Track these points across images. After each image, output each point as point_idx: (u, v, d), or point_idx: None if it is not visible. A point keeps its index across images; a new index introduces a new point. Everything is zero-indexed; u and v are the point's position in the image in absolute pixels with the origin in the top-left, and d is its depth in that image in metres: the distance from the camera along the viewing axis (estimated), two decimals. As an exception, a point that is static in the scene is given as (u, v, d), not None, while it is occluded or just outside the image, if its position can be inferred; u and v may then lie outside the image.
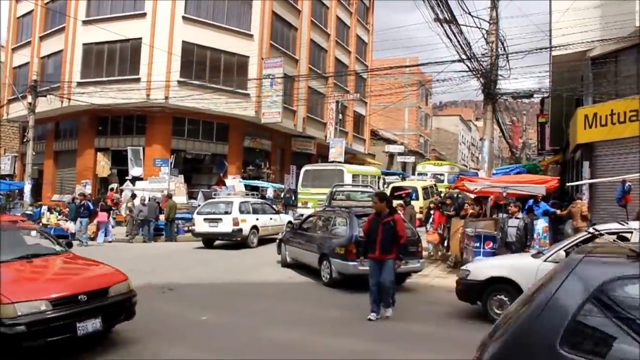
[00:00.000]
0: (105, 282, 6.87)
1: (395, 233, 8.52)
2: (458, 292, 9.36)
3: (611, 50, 17.62)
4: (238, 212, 18.74)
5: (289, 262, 14.38)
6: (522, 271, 8.66)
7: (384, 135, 54.39)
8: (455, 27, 17.16)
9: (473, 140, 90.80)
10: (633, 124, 16.25)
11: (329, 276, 11.74)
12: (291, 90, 32.03)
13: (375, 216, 8.76)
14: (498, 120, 29.39)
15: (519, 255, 11.09)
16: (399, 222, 8.69)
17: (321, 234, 12.89)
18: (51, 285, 6.62)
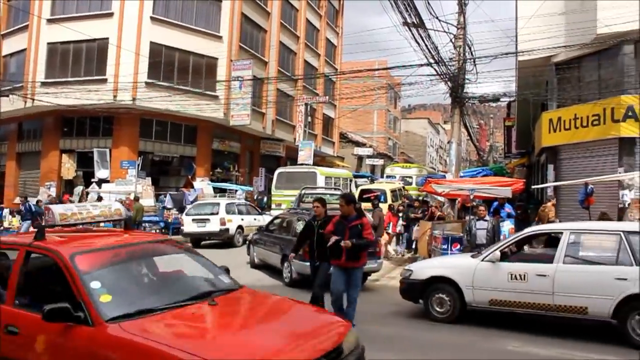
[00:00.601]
0: (336, 335, 4.71)
1: (364, 237, 7.90)
2: (401, 291, 9.65)
3: (574, 56, 18.03)
4: (225, 213, 19.99)
5: (257, 263, 14.68)
6: (461, 270, 8.95)
7: (353, 138, 54.59)
8: (424, 31, 17.35)
9: (441, 143, 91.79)
10: (595, 128, 16.65)
11: (289, 276, 12.19)
12: (260, 93, 31.93)
13: (341, 219, 8.05)
14: (466, 123, 29.79)
15: (459, 255, 11.57)
16: (367, 226, 8.06)
17: (284, 235, 13.16)
18: (270, 341, 4.26)
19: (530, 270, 8.31)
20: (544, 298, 8.11)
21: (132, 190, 23.18)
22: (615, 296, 7.62)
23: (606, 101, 16.23)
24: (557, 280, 8.04)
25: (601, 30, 16.15)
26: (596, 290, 7.76)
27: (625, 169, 15.63)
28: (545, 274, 8.14)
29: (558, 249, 8.31)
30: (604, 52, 17.15)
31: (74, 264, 4.65)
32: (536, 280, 8.18)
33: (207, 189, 27.02)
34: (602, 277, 7.84)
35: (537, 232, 9.59)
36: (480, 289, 8.66)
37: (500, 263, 8.59)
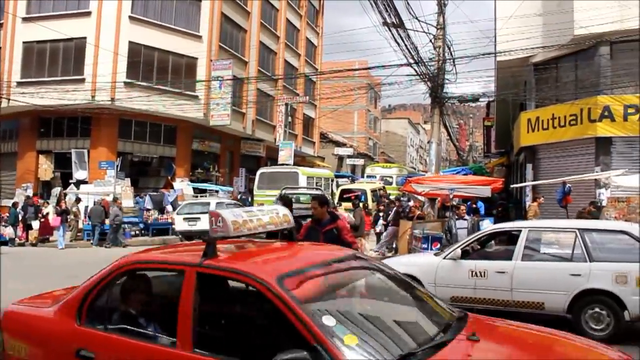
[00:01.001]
0: None
1: (343, 241, 6.83)
2: None
3: (552, 57, 18.24)
4: None
5: None
6: (424, 268, 9.11)
7: (333, 138, 54.63)
8: (403, 32, 17.42)
9: (421, 142, 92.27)
10: (573, 127, 16.86)
11: None
12: (240, 93, 31.81)
13: (314, 224, 7.13)
14: (445, 123, 29.95)
15: (425, 253, 11.86)
16: (344, 229, 7.19)
17: None
18: None
19: (490, 268, 8.53)
20: (503, 294, 8.34)
21: (111, 191, 22.95)
22: (570, 291, 7.86)
23: (583, 101, 16.45)
24: (516, 276, 8.27)
25: (578, 32, 16.37)
26: (552, 286, 8.00)
27: (601, 168, 15.86)
28: (504, 271, 8.37)
29: (516, 246, 8.55)
30: (581, 53, 17.38)
31: (287, 292, 3.31)
32: (496, 277, 8.40)
33: (187, 190, 26.87)
34: (557, 273, 8.08)
35: (497, 231, 9.79)
36: (442, 286, 8.85)
37: (461, 261, 8.80)
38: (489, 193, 15.86)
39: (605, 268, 7.79)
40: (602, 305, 7.74)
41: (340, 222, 7.29)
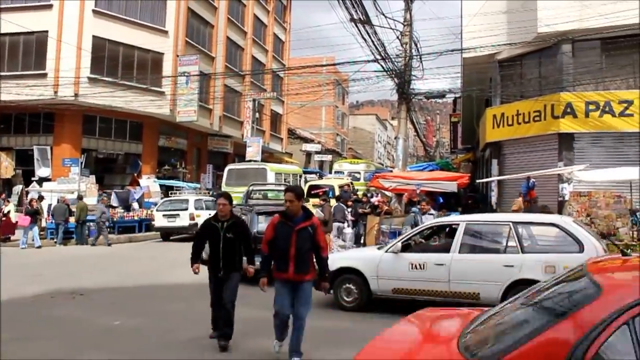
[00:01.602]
0: None
1: (316, 244, 6.18)
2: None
3: (517, 54, 18.54)
4: (194, 209, 21.04)
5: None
6: (367, 261, 9.38)
7: (301, 134, 54.61)
8: (370, 28, 17.49)
9: (389, 139, 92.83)
10: (536, 123, 17.17)
11: None
12: (207, 89, 31.58)
13: (284, 220, 6.23)
14: (412, 119, 30.20)
15: (368, 247, 12.37)
16: (319, 228, 6.34)
17: None
18: None
19: (429, 260, 8.84)
20: (441, 286, 8.66)
21: (75, 189, 22.55)
22: (503, 282, 8.19)
23: (546, 98, 16.76)
24: (453, 268, 8.59)
25: (542, 30, 16.67)
26: (487, 277, 8.34)
27: (564, 163, 16.18)
28: (442, 263, 8.68)
29: (454, 239, 8.84)
30: (544, 51, 17.70)
31: None
32: (434, 269, 8.71)
33: (154, 187, 26.56)
34: (492, 264, 8.41)
35: (437, 224, 10.16)
36: (384, 278, 9.13)
37: (402, 254, 9.08)
38: (455, 188, 16.09)
39: (535, 259, 8.18)
40: None
41: (315, 218, 6.39)
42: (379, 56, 18.27)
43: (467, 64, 20.80)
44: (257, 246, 11.77)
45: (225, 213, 6.95)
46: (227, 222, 6.94)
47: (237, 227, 7.01)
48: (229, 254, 6.97)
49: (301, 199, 6.32)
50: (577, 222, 8.96)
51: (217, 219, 7.00)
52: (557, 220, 8.80)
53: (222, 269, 6.98)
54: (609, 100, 15.94)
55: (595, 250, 7.93)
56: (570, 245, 8.14)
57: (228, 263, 6.96)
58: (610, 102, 15.92)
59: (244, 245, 7.05)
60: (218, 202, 7.03)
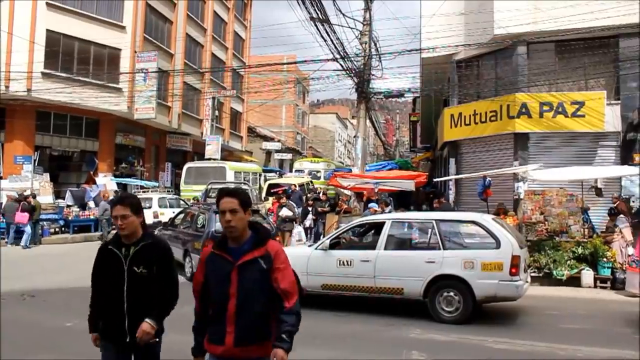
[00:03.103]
0: None
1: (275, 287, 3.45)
2: None
3: (474, 55, 18.87)
4: (157, 207, 21.03)
5: None
6: (297, 259, 9.43)
7: (261, 133, 54.39)
8: (329, 27, 17.55)
9: (349, 137, 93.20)
10: (493, 123, 17.50)
11: (190, 271, 12.35)
12: (166, 86, 31.10)
13: (219, 250, 3.52)
14: (372, 118, 30.40)
15: (300, 245, 13.02)
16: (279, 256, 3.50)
17: (186, 230, 13.38)
18: None
19: (356, 257, 9.22)
20: (367, 281, 9.03)
21: (28, 187, 21.97)
22: (425, 277, 8.62)
23: (502, 98, 17.11)
24: (378, 264, 8.98)
25: (497, 32, 17.01)
26: (410, 273, 8.76)
27: (519, 162, 16.55)
28: (368, 260, 9.06)
29: (380, 236, 9.24)
30: (500, 52, 18.06)
31: None
32: (361, 266, 9.08)
33: (111, 185, 26.05)
34: (415, 260, 8.83)
35: (365, 222, 10.56)
36: (313, 275, 9.47)
37: (330, 251, 9.45)
38: (413, 187, 16.30)
39: (455, 255, 8.62)
40: (453, 289, 8.52)
41: (274, 244, 3.56)
42: (338, 55, 18.35)
43: (425, 63, 21.07)
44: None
45: (129, 231, 3.87)
46: (135, 246, 3.89)
47: (152, 254, 3.88)
48: (139, 303, 3.84)
49: (248, 210, 3.48)
50: (496, 220, 9.39)
51: (119, 241, 3.96)
52: (476, 218, 9.24)
53: (127, 332, 3.84)
54: (562, 101, 16.37)
55: (510, 246, 8.38)
56: (488, 242, 8.58)
57: (138, 318, 3.80)
58: (563, 103, 16.35)
59: (162, 284, 3.90)
60: (113, 214, 3.89)
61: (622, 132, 16.25)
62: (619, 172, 15.14)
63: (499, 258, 8.36)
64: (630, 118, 15.99)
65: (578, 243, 12.86)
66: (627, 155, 16.04)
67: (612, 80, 16.86)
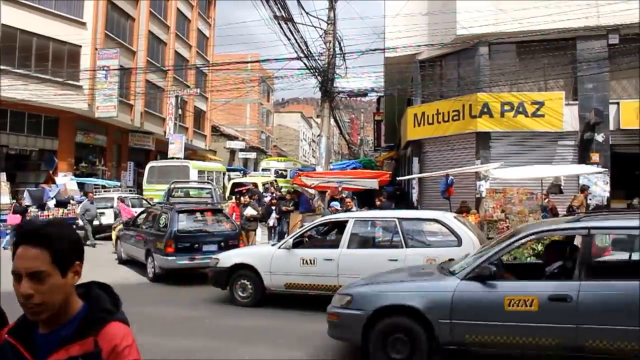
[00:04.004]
0: None
1: None
2: (210, 279, 10.31)
3: (437, 55, 19.06)
4: None
5: (125, 258, 14.73)
6: (261, 258, 9.73)
7: (225, 132, 53.99)
8: (293, 26, 17.52)
9: (314, 136, 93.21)
10: (455, 123, 17.72)
11: (153, 271, 12.31)
12: (128, 84, 30.59)
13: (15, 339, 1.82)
14: (336, 117, 30.47)
15: (264, 244, 13.11)
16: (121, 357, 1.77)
17: (148, 230, 13.22)
18: None
19: (319, 256, 9.25)
20: (330, 280, 9.02)
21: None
22: None
23: (465, 98, 17.33)
24: (341, 263, 9.01)
25: (460, 32, 17.21)
26: (373, 271, 8.55)
27: (481, 161, 16.79)
28: (331, 258, 9.09)
29: (343, 235, 9.28)
30: (463, 52, 18.29)
31: None
32: (324, 264, 9.11)
33: (71, 185, 25.54)
34: (377, 259, 8.83)
35: (328, 221, 10.62)
36: (277, 274, 9.49)
37: (294, 250, 9.47)
38: (377, 185, 16.37)
39: (418, 253, 8.68)
40: None
41: (115, 334, 1.82)
42: (302, 54, 18.33)
43: (389, 63, 21.21)
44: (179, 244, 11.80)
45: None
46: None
47: None
48: None
49: (74, 266, 1.87)
50: (458, 218, 9.53)
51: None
52: (438, 216, 9.33)
53: None
54: (523, 101, 16.67)
55: (472, 244, 8.48)
56: (450, 240, 8.69)
57: None
58: (524, 103, 16.65)
59: None
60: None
61: (580, 131, 16.63)
62: (577, 171, 15.51)
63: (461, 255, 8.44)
64: (587, 118, 16.37)
65: (538, 240, 13.09)
66: (584, 154, 16.44)
67: (570, 81, 17.24)
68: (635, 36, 15.97)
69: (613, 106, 16.53)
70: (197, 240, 12.23)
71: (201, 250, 12.07)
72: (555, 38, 16.51)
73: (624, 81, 16.93)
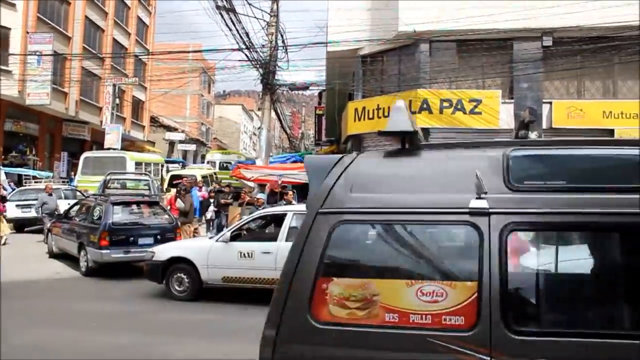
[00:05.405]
0: None
1: None
2: (145, 273, 10.19)
3: (379, 51, 19.21)
4: None
5: (56, 252, 14.14)
6: (198, 251, 9.70)
7: (165, 123, 52.91)
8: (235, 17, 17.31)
9: (255, 129, 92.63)
10: (396, 118, 17.88)
11: (86, 265, 11.93)
12: (62, 70, 29.54)
13: None
14: (277, 110, 30.34)
15: (200, 238, 13.09)
16: None
17: (82, 222, 12.82)
18: None
19: (257, 249, 9.26)
20: (268, 273, 9.00)
21: None
22: None
23: (405, 94, 17.54)
24: (280, 256, 8.86)
25: (402, 28, 17.38)
26: None
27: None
28: (269, 252, 9.11)
29: (282, 228, 9.32)
30: (404, 49, 18.48)
31: None
32: (262, 258, 9.13)
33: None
34: None
35: (267, 214, 10.63)
36: (214, 267, 9.46)
37: (232, 243, 9.44)
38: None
39: None
40: None
41: None
42: (244, 45, 18.13)
43: (331, 57, 21.23)
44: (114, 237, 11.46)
45: None
46: None
47: None
48: None
49: None
50: None
51: None
52: None
53: None
54: (461, 98, 17.02)
55: None
56: None
57: None
58: (462, 100, 17.00)
59: None
60: None
61: (515, 129, 17.11)
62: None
63: None
64: (522, 116, 16.87)
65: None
66: (519, 151, 16.92)
67: (506, 80, 17.72)
68: (567, 39, 16.59)
69: (546, 105, 17.10)
70: (133, 233, 11.95)
71: (137, 243, 11.80)
72: (493, 38, 16.92)
73: (556, 82, 17.54)
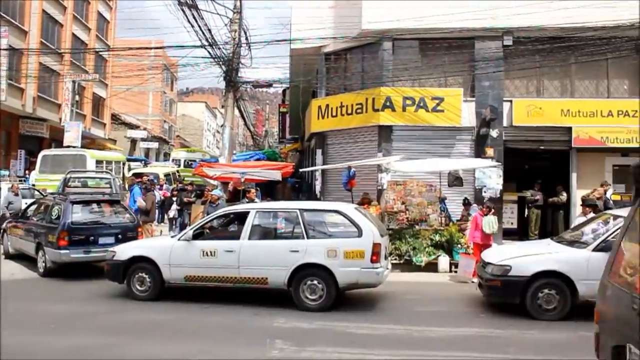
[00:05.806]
0: None
1: None
2: (106, 273, 10.03)
3: (342, 48, 19.27)
4: None
5: (12, 253, 13.81)
6: (159, 250, 9.57)
7: (126, 120, 52.06)
8: (197, 13, 17.11)
9: (218, 127, 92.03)
10: (359, 115, 18.01)
11: (44, 265, 11.69)
12: (19, 66, 28.78)
13: None
14: (240, 108, 30.16)
15: (162, 237, 13.14)
16: None
17: (39, 222, 12.54)
18: None
19: (219, 247, 9.20)
20: (231, 272, 9.07)
21: None
22: (289, 266, 8.80)
23: (368, 91, 17.62)
24: (242, 255, 9.02)
25: (365, 26, 17.46)
26: (274, 262, 8.91)
27: (383, 154, 17.16)
28: (232, 250, 9.07)
29: (244, 226, 9.30)
30: (367, 47, 18.57)
31: None
32: (224, 256, 9.09)
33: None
34: (279, 250, 9.00)
35: (229, 212, 10.52)
36: (176, 266, 9.34)
37: (194, 241, 9.35)
38: (280, 177, 16.38)
39: (319, 244, 8.83)
40: (317, 277, 8.75)
41: None
42: (207, 42, 17.93)
43: (294, 54, 21.20)
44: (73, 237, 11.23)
45: None
46: None
47: None
48: None
49: None
50: (358, 209, 9.70)
51: None
52: (340, 207, 9.51)
53: None
54: (424, 96, 17.17)
55: (372, 234, 8.71)
56: (350, 231, 8.83)
57: None
58: (425, 98, 17.16)
59: None
60: None
61: (476, 127, 17.35)
62: (473, 165, 16.26)
63: (361, 246, 8.63)
64: (483, 114, 17.12)
65: (436, 231, 13.62)
66: (480, 148, 17.19)
67: (468, 78, 17.94)
68: (527, 39, 16.91)
69: (507, 104, 17.37)
70: (93, 232, 11.74)
71: (97, 242, 11.60)
72: (455, 37, 17.12)
73: (516, 80, 17.84)
